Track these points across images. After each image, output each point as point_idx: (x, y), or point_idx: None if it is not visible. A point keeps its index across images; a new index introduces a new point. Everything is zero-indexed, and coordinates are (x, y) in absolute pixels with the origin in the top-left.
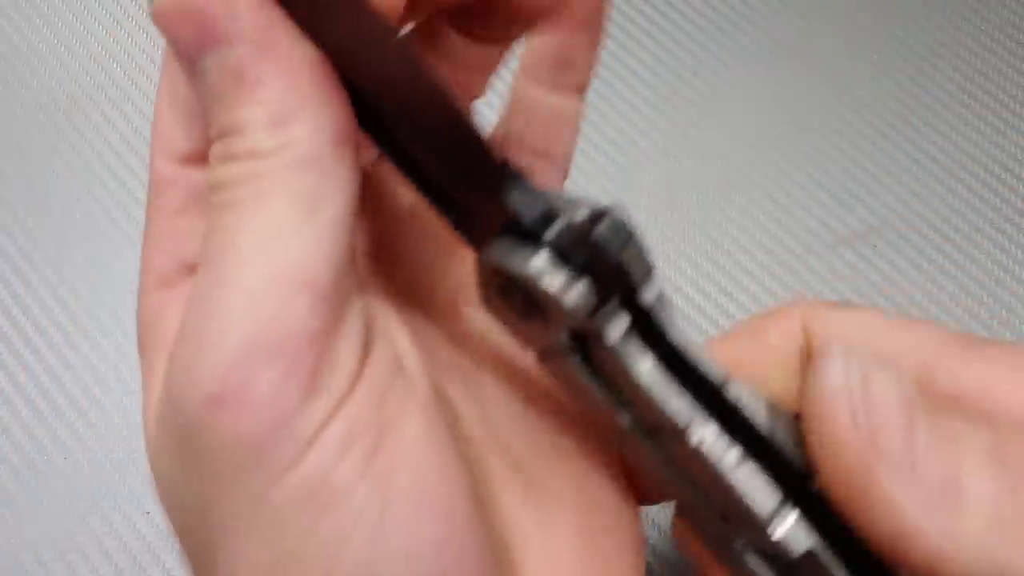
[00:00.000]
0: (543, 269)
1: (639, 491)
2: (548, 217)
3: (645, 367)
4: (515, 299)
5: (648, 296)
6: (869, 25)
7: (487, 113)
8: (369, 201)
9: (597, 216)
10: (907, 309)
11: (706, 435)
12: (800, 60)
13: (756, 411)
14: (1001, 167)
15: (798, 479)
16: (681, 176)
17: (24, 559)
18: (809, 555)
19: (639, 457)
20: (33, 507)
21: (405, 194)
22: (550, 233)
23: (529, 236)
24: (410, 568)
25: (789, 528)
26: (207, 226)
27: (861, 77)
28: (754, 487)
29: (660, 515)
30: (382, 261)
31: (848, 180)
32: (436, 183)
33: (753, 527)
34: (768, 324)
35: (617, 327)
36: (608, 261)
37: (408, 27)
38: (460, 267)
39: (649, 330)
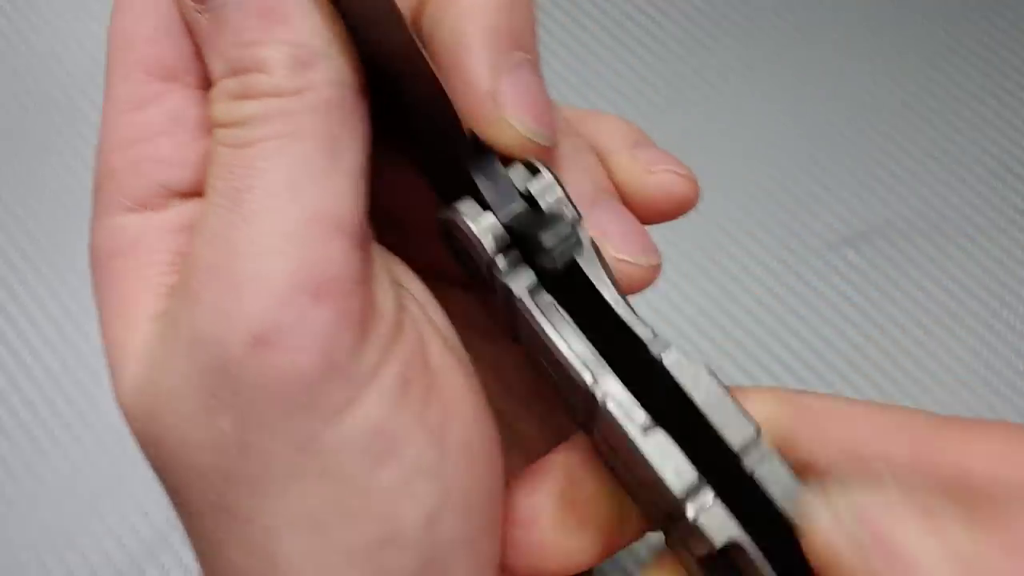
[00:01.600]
0: (466, 212)
1: None
2: (506, 196)
3: (546, 324)
4: (457, 249)
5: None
6: (871, 26)
7: None
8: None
9: (548, 220)
10: (908, 308)
11: (612, 390)
12: (802, 60)
13: (692, 378)
14: (1003, 167)
15: (730, 458)
16: None
17: (24, 559)
18: (734, 547)
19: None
20: (32, 508)
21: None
22: (504, 214)
23: (486, 207)
24: (469, 522)
25: (708, 510)
26: (223, 158)
27: (862, 78)
28: (665, 455)
29: None
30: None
31: (848, 180)
32: (418, 150)
33: (670, 506)
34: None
35: (523, 281)
36: (551, 263)
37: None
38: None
39: (567, 287)
